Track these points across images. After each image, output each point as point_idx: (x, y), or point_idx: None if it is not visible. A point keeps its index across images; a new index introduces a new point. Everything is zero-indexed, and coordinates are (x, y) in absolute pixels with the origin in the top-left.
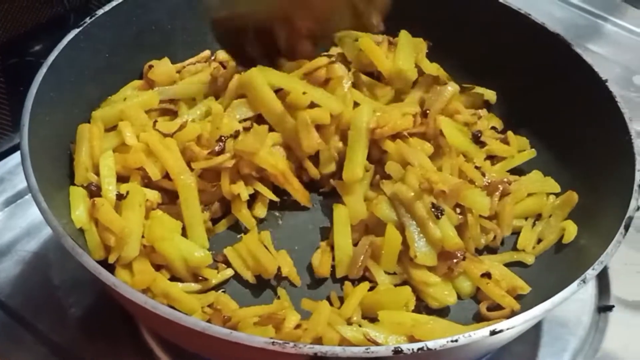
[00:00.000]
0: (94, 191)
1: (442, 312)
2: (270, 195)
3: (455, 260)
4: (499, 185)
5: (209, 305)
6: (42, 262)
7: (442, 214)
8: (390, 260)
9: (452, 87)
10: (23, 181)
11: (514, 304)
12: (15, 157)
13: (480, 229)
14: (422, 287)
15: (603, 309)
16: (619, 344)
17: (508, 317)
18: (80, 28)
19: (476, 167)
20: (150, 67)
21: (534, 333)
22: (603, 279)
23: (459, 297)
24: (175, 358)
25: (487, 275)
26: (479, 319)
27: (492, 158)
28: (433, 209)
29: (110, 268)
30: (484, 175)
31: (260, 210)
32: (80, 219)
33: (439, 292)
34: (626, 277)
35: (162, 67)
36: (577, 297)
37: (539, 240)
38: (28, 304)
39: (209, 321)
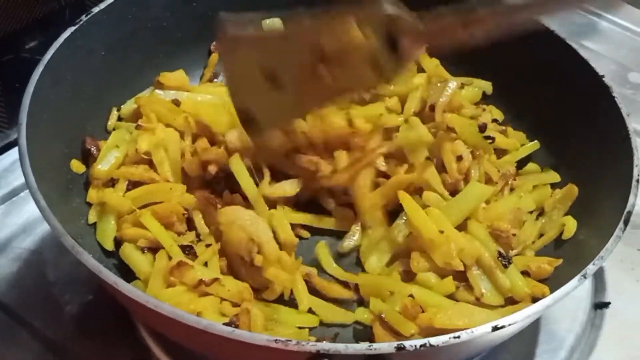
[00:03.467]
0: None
1: None
2: None
3: None
4: (509, 178)
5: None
6: (38, 259)
7: (509, 263)
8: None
9: (453, 83)
10: (18, 178)
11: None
12: (11, 154)
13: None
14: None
15: (599, 305)
16: (615, 341)
17: None
18: (76, 26)
19: None
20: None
21: (531, 330)
22: (599, 276)
23: None
24: (171, 354)
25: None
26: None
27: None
28: (500, 258)
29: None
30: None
31: None
32: None
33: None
34: (622, 274)
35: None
36: (574, 293)
37: (540, 236)
38: (23, 301)
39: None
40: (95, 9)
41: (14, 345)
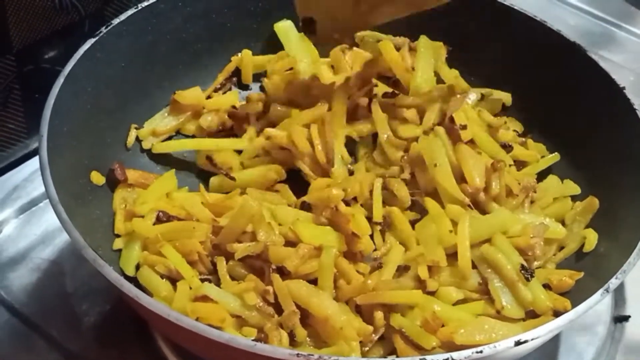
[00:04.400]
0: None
1: None
2: None
3: None
4: (529, 190)
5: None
6: (57, 269)
7: (532, 276)
8: None
9: (474, 95)
10: (37, 188)
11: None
12: (30, 164)
13: None
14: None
15: (619, 319)
16: (635, 354)
17: None
18: (96, 38)
19: None
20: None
21: (550, 343)
22: (619, 289)
23: None
24: None
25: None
26: None
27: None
28: (522, 271)
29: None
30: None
31: None
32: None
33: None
34: None
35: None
36: (594, 307)
37: (560, 248)
38: (42, 311)
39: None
40: (115, 21)
41: (33, 355)
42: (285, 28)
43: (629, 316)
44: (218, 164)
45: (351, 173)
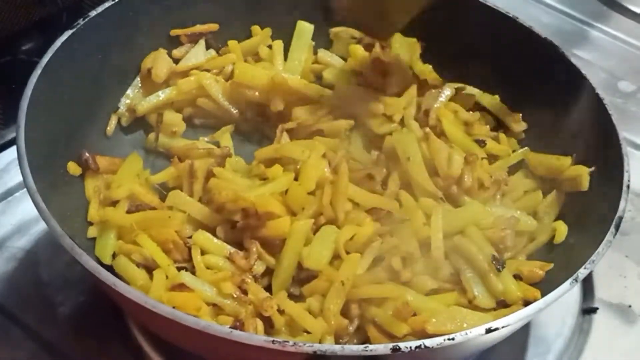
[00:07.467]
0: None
1: None
2: None
3: None
4: (501, 184)
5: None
6: (32, 259)
7: (503, 267)
8: None
9: (449, 90)
10: (14, 178)
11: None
12: (6, 154)
13: None
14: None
15: (587, 311)
16: (603, 346)
17: None
18: (73, 30)
19: None
20: (149, 70)
21: (520, 334)
22: (587, 282)
23: None
24: (164, 355)
25: None
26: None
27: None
28: (494, 262)
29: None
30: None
31: None
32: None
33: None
34: (610, 280)
35: (161, 68)
36: (563, 299)
37: (531, 240)
38: (18, 300)
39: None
40: (93, 13)
41: (8, 344)
42: (305, 29)
43: (597, 308)
44: (164, 122)
45: None
